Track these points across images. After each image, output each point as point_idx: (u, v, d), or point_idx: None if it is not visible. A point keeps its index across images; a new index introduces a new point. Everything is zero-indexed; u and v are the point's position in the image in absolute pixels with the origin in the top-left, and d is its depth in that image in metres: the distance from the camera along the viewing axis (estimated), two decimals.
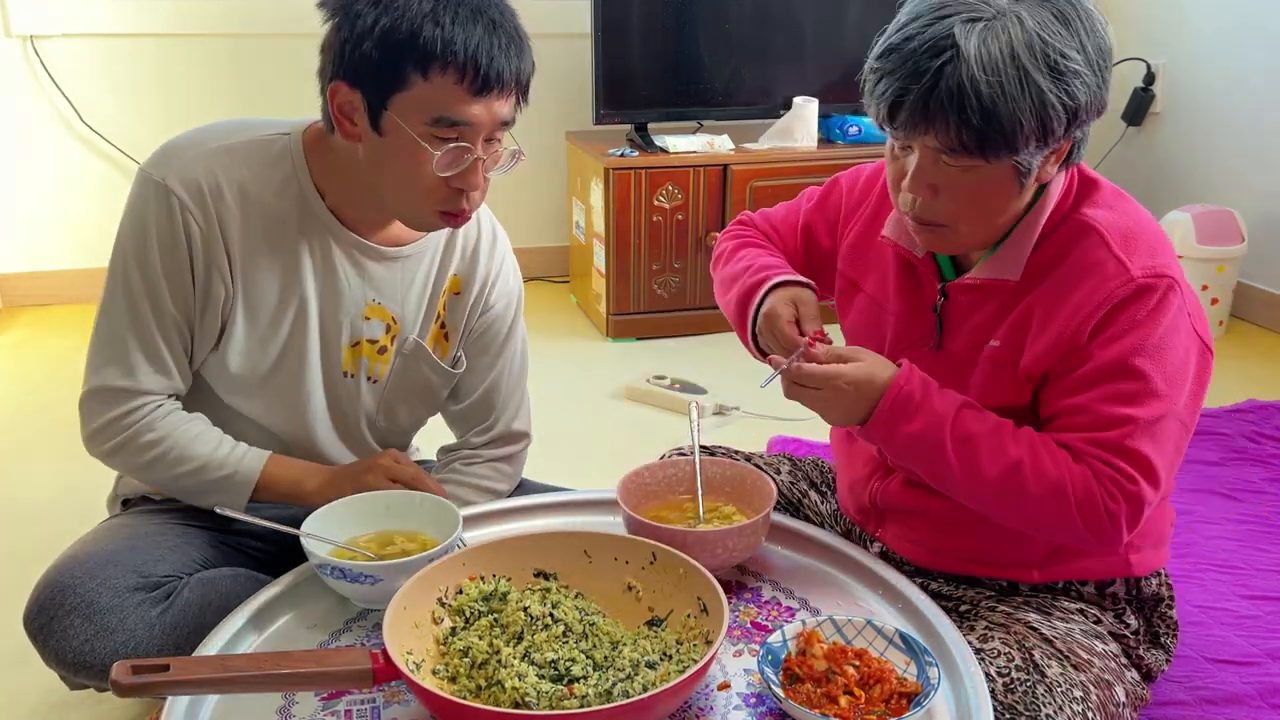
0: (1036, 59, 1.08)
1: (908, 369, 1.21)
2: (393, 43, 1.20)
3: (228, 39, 3.29)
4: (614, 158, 3.09)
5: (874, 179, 1.42)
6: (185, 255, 1.30)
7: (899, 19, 1.14)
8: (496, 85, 1.23)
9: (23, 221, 3.33)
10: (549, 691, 1.01)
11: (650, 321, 3.26)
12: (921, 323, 1.32)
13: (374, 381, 1.45)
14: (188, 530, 1.39)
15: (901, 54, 1.10)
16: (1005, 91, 1.07)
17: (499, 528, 1.38)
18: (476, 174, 1.27)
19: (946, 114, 1.09)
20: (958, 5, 1.10)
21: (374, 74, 1.21)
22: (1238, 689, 1.58)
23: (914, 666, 1.10)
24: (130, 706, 1.55)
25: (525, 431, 1.59)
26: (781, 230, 1.51)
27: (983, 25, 1.08)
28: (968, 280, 1.26)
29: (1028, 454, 1.16)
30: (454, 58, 1.20)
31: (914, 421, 1.18)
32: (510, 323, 1.54)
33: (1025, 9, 1.09)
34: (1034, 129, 1.09)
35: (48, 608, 1.25)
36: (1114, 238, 1.20)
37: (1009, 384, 1.24)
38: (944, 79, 1.08)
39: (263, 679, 0.99)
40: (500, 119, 1.26)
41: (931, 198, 1.17)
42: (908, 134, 1.14)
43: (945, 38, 1.08)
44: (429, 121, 1.22)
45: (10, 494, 2.22)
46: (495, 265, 1.50)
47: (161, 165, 1.30)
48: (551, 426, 2.53)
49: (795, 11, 3.32)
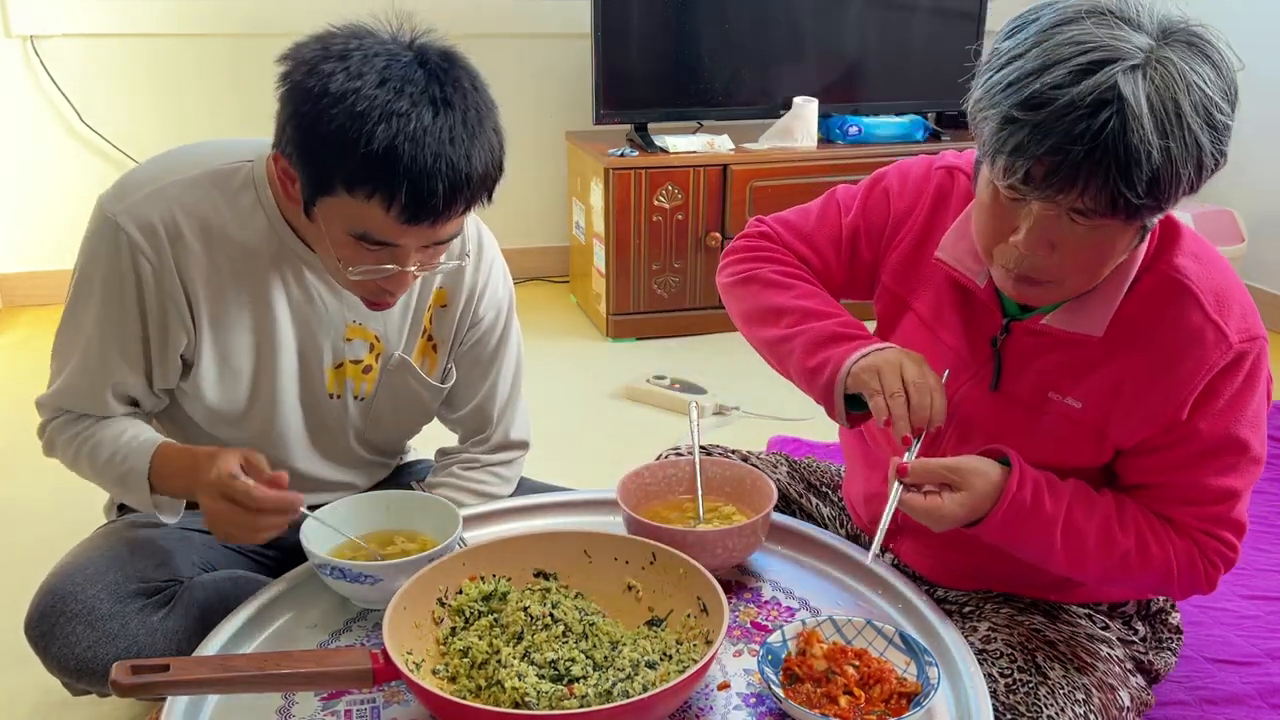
0: (1199, 114, 0.98)
1: (1018, 476, 1.14)
2: (323, 148, 1.08)
3: (228, 39, 3.29)
4: (614, 158, 3.09)
5: (923, 183, 1.33)
6: (134, 295, 1.24)
7: (1026, 56, 1.00)
8: (430, 217, 1.11)
9: (23, 221, 3.32)
10: (549, 691, 1.01)
11: (650, 321, 3.26)
12: (977, 356, 1.24)
13: (360, 399, 1.42)
14: (186, 534, 1.39)
15: (1054, 109, 0.96)
16: (1172, 154, 0.97)
17: (499, 528, 1.38)
18: (404, 284, 1.20)
19: (1106, 177, 0.97)
20: (1106, 46, 0.97)
21: (303, 165, 1.12)
22: (1238, 689, 1.58)
23: (914, 666, 1.10)
24: (130, 707, 1.55)
25: (524, 440, 1.56)
26: (815, 241, 1.39)
27: (1144, 77, 0.96)
28: (1042, 326, 1.18)
29: (1135, 543, 1.17)
30: (382, 186, 1.08)
31: (1025, 527, 1.15)
32: (501, 332, 1.49)
33: (1175, 52, 0.98)
34: (1185, 189, 1.00)
35: (49, 615, 1.24)
36: (1209, 300, 1.13)
37: (1088, 447, 1.19)
38: (1107, 139, 0.95)
39: (263, 679, 0.99)
40: (435, 240, 1.16)
41: (1047, 255, 1.06)
42: (1044, 194, 1.01)
43: (1108, 89, 0.95)
44: (351, 234, 1.14)
45: (10, 494, 2.22)
46: (482, 276, 1.44)
47: (116, 201, 1.23)
48: (551, 426, 2.53)
49: (795, 11, 3.32)
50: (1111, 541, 1.16)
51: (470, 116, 1.12)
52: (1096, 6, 1.00)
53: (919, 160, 1.35)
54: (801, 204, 1.45)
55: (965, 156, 1.32)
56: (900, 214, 1.33)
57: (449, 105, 1.10)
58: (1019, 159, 0.99)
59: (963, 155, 1.33)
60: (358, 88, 1.07)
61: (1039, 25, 1.01)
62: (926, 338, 1.29)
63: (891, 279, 1.33)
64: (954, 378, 1.25)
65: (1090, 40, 0.97)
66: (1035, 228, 1.04)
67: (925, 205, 1.31)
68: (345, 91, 1.07)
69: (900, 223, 1.33)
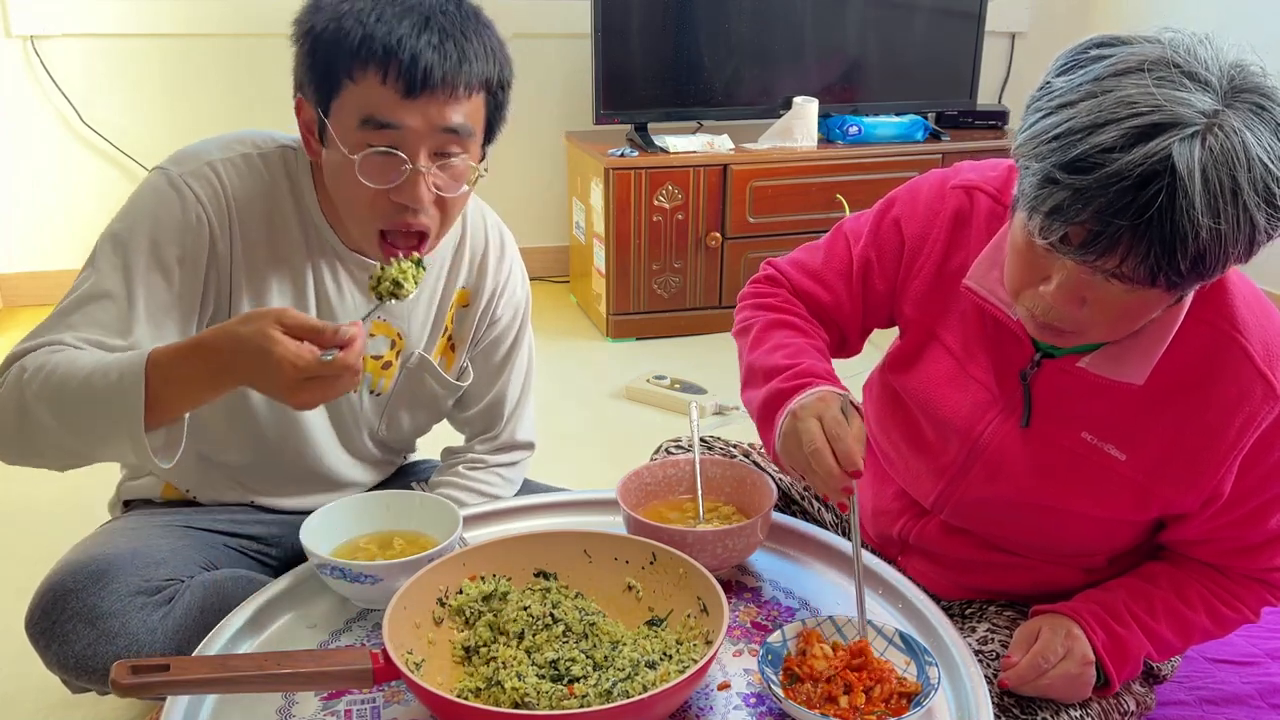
0: (1258, 192, 0.90)
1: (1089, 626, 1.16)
2: (322, 46, 1.16)
3: (228, 39, 3.29)
4: (614, 158, 3.09)
5: (936, 204, 1.26)
6: (204, 243, 1.24)
7: (1078, 106, 0.92)
8: (427, 86, 1.14)
9: (23, 221, 3.33)
10: (549, 691, 1.01)
11: (650, 321, 3.26)
12: (1005, 389, 1.20)
13: (377, 395, 1.44)
14: (189, 533, 1.39)
15: (1100, 175, 0.89)
16: (1222, 235, 0.89)
17: (499, 528, 1.38)
18: (417, 188, 1.18)
19: (1148, 252, 0.90)
20: (1165, 109, 0.88)
21: (313, 83, 1.18)
22: (1238, 689, 1.58)
23: (914, 666, 1.10)
24: (130, 706, 1.55)
25: (530, 441, 1.59)
26: (824, 277, 1.34)
27: (1201, 147, 0.88)
28: (1078, 369, 1.13)
29: (1208, 618, 1.20)
30: (373, 55, 1.13)
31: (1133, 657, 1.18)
32: (517, 333, 1.53)
33: (1240, 118, 0.90)
34: (1235, 261, 0.95)
35: (50, 612, 1.24)
36: (1258, 350, 1.08)
37: (1128, 501, 1.16)
38: (1154, 216, 0.88)
39: (263, 679, 0.98)
40: (441, 125, 1.17)
41: (1077, 309, 1.01)
42: (1081, 258, 0.94)
43: (1160, 160, 0.87)
44: (358, 125, 1.16)
45: (11, 494, 2.22)
46: (503, 276, 1.48)
47: (179, 164, 1.27)
48: (552, 426, 2.53)
49: (795, 11, 3.32)
50: (1187, 627, 1.20)
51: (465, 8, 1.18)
52: (1163, 58, 0.92)
53: (930, 179, 1.30)
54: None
55: (983, 173, 1.26)
56: (915, 241, 1.27)
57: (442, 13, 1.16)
58: (1057, 221, 0.93)
59: (981, 172, 1.27)
60: (351, 5, 1.16)
61: (1096, 72, 0.93)
62: (954, 370, 1.25)
63: (914, 309, 1.29)
64: (981, 413, 1.22)
65: (1148, 101, 0.89)
66: (1068, 283, 0.98)
67: (942, 229, 1.25)
68: (338, 5, 1.16)
69: (917, 250, 1.27)
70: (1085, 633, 1.16)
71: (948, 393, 1.25)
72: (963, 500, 1.27)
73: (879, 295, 1.32)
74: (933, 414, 1.27)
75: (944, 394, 1.25)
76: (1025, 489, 1.20)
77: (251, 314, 1.07)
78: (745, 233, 3.22)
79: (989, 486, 1.23)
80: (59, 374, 1.10)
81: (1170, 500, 1.14)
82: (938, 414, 1.26)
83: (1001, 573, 1.30)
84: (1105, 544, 1.24)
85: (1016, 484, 1.20)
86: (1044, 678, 1.15)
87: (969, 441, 1.23)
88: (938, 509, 1.30)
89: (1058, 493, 1.18)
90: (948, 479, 1.27)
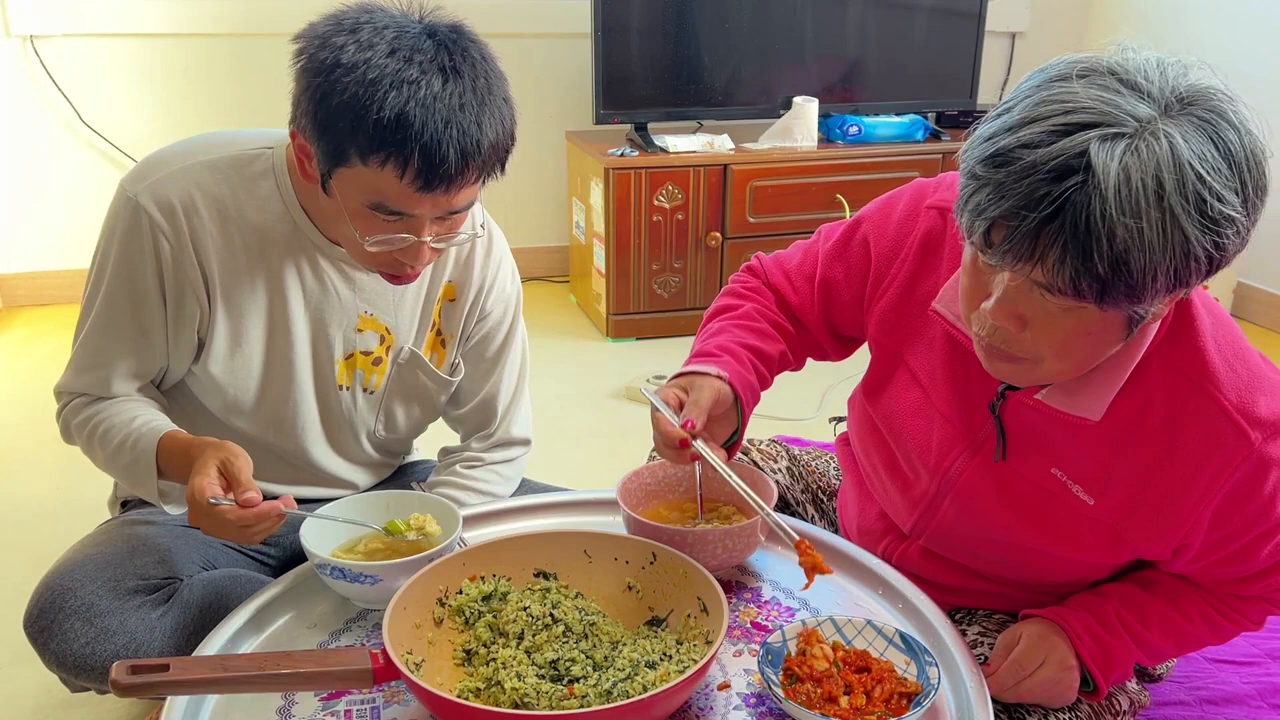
0: (1187, 200, 0.85)
1: (1075, 634, 1.16)
2: (334, 112, 1.10)
3: (228, 39, 3.29)
4: (614, 157, 3.09)
5: (907, 224, 1.23)
6: (154, 274, 1.27)
7: (1013, 110, 0.91)
8: (444, 182, 1.12)
9: (23, 221, 3.33)
10: (549, 691, 1.01)
11: (650, 321, 3.26)
12: (974, 423, 1.18)
13: (370, 393, 1.44)
14: (187, 532, 1.39)
15: (1016, 168, 0.87)
16: (1143, 238, 0.85)
17: (499, 528, 1.38)
18: (419, 252, 1.20)
19: (1064, 252, 0.87)
20: (1093, 109, 0.87)
21: (318, 141, 1.14)
22: (1238, 689, 1.58)
23: (914, 666, 1.10)
24: (130, 706, 1.55)
25: (526, 438, 1.59)
26: (794, 278, 1.35)
27: (1125, 145, 0.85)
28: (1034, 401, 1.10)
29: (1206, 629, 1.20)
30: (394, 148, 1.09)
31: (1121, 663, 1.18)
32: (508, 328, 1.52)
33: (1177, 127, 0.87)
34: (1167, 282, 0.89)
35: (48, 611, 1.24)
36: (1228, 394, 1.04)
37: (1101, 546, 1.14)
38: (1068, 210, 0.85)
39: (263, 679, 0.98)
40: (450, 209, 1.17)
41: (1017, 330, 0.98)
42: (1003, 262, 0.92)
43: (1077, 156, 0.85)
44: (366, 204, 1.15)
45: (11, 494, 2.22)
46: (491, 271, 1.47)
47: (137, 181, 1.26)
48: (551, 426, 2.54)
49: (795, 11, 3.32)
50: (1184, 638, 1.20)
51: (480, 85, 1.14)
52: (1102, 66, 0.91)
53: (905, 196, 1.26)
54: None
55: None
56: (882, 260, 1.25)
57: (458, 73, 1.12)
58: (978, 219, 0.91)
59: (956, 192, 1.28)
60: (368, 58, 1.09)
61: (1042, 78, 0.92)
62: (921, 402, 1.22)
63: (879, 330, 1.26)
64: (948, 449, 1.20)
65: (1077, 101, 0.88)
66: (1005, 297, 0.96)
67: (911, 251, 1.22)
68: (356, 62, 1.09)
69: (883, 271, 1.25)
70: (1071, 640, 1.16)
71: (915, 425, 1.23)
72: (937, 531, 1.26)
73: (843, 310, 1.32)
74: (902, 445, 1.26)
75: (912, 426, 1.24)
76: (997, 526, 1.19)
77: (221, 443, 1.19)
78: (745, 233, 3.22)
79: (963, 520, 1.22)
80: (96, 437, 1.30)
81: (1140, 549, 1.14)
82: (906, 445, 1.25)
83: (983, 598, 1.30)
84: (1084, 580, 1.23)
85: (988, 520, 1.19)
86: (1023, 684, 1.15)
87: (938, 475, 1.22)
88: (915, 535, 1.30)
89: (1031, 532, 1.16)
90: (922, 509, 1.26)
